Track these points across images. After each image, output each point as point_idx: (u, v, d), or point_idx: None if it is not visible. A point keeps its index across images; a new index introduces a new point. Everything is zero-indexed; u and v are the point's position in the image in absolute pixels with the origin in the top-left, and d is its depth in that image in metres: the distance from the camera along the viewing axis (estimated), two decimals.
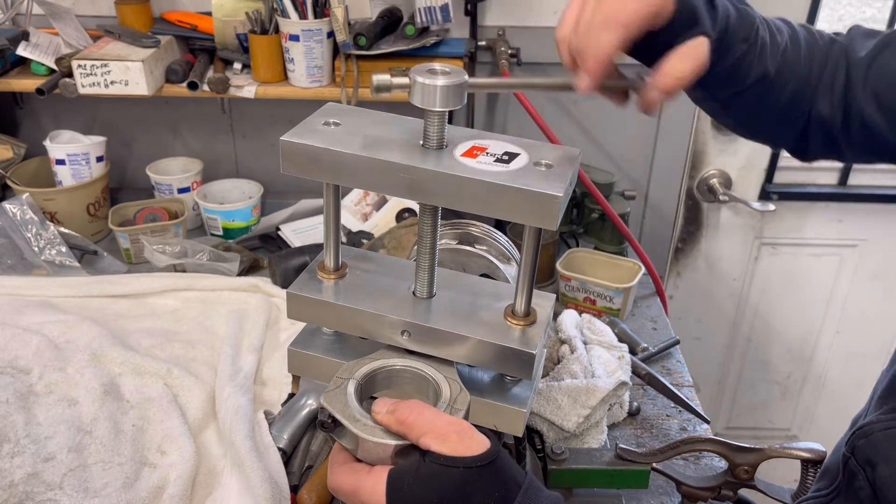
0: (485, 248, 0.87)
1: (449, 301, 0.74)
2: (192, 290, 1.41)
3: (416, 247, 0.78)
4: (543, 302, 0.75)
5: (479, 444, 0.60)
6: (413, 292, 0.74)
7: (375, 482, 0.61)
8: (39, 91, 1.49)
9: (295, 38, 1.49)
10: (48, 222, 1.53)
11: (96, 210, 1.63)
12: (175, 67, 1.55)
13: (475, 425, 0.72)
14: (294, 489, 0.99)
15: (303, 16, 1.48)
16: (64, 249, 1.50)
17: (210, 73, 1.58)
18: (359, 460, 0.66)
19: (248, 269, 1.52)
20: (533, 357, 0.68)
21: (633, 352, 1.24)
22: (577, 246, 1.61)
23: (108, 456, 1.01)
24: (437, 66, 0.64)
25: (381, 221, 1.63)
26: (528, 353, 0.68)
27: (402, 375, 0.71)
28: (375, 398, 0.74)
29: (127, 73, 1.48)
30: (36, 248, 1.49)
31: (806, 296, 2.03)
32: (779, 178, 1.87)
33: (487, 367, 0.71)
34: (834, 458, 0.69)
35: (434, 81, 0.62)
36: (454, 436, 0.60)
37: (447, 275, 0.78)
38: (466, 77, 0.63)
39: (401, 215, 1.64)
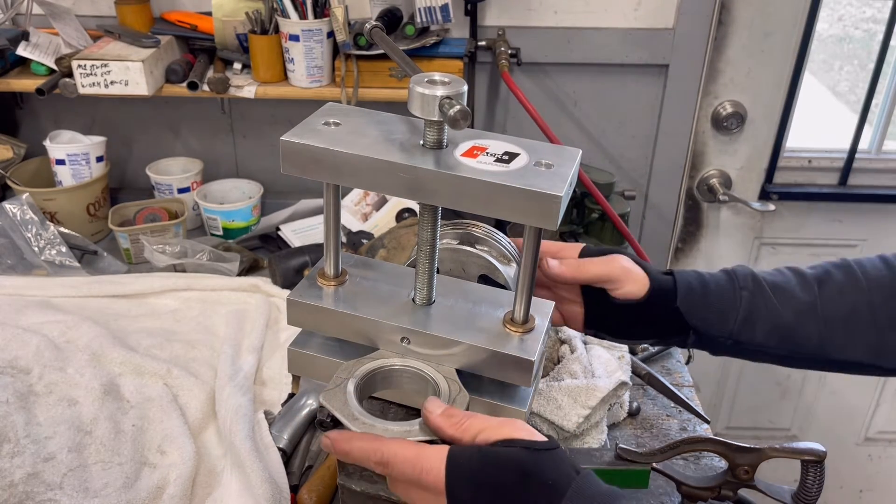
0: (485, 248, 0.87)
1: (448, 308, 0.74)
2: (192, 290, 1.41)
3: (416, 248, 0.78)
4: (542, 309, 0.75)
5: (538, 436, 0.62)
6: (413, 299, 0.74)
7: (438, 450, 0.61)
8: (39, 91, 1.49)
9: (295, 38, 1.49)
10: (48, 222, 1.53)
11: (96, 210, 1.63)
12: (175, 67, 1.55)
13: None
14: (294, 489, 0.99)
15: (303, 16, 1.48)
16: (64, 249, 1.49)
17: (210, 73, 1.58)
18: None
19: (248, 269, 1.52)
20: (532, 364, 0.68)
21: (633, 352, 1.24)
22: None
23: (108, 456, 1.01)
24: (436, 75, 0.64)
25: (381, 221, 1.63)
26: (527, 361, 0.69)
27: (401, 375, 0.71)
28: (375, 398, 0.74)
29: (127, 73, 1.48)
30: (36, 248, 1.49)
31: None
32: (779, 178, 1.87)
33: (486, 373, 0.71)
34: None
35: (434, 91, 0.62)
36: (507, 426, 0.62)
37: (446, 282, 0.78)
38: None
39: (401, 215, 1.64)
